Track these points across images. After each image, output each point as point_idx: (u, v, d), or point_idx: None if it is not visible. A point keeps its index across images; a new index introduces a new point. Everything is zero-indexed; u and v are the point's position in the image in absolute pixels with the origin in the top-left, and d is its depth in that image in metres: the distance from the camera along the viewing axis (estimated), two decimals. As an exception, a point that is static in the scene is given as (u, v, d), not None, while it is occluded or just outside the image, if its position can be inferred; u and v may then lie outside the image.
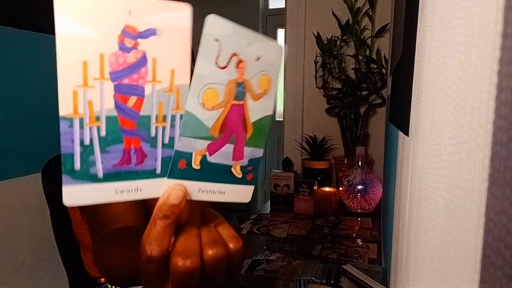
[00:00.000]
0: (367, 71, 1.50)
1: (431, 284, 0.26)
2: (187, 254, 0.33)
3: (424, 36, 0.35)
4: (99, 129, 0.30)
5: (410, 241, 0.39)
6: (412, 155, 0.41)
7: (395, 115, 0.72)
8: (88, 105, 0.29)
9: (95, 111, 0.29)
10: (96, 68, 0.29)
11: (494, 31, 0.15)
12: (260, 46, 0.35)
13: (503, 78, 0.14)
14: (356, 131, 1.56)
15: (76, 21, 0.27)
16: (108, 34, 0.28)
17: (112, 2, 0.28)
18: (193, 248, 0.34)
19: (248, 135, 0.37)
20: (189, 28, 0.31)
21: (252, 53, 0.35)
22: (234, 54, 0.34)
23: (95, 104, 0.29)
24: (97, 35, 0.28)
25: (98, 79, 0.29)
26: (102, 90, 0.29)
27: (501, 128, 0.14)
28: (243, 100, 0.36)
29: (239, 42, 0.34)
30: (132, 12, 0.29)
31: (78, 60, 0.28)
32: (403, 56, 0.58)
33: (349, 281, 0.80)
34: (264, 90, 0.37)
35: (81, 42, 0.27)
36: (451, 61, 0.23)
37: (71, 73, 0.28)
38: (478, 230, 0.16)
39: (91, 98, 0.29)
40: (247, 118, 0.37)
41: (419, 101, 0.36)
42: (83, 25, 0.27)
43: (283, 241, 1.09)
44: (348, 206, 1.39)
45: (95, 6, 0.27)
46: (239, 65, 0.34)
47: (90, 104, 0.29)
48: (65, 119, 0.29)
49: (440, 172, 0.25)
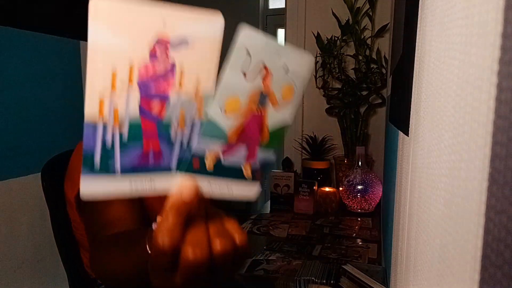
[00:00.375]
0: (367, 71, 1.50)
1: (431, 284, 0.26)
2: (197, 245, 0.34)
3: (424, 36, 0.35)
4: (121, 135, 0.31)
5: (410, 241, 0.39)
6: (412, 155, 0.41)
7: (395, 115, 0.72)
8: (113, 112, 0.30)
9: (119, 117, 0.30)
10: (125, 77, 0.29)
11: (494, 31, 0.15)
12: (291, 59, 0.36)
13: (503, 78, 0.14)
14: (356, 131, 1.56)
15: (110, 30, 0.27)
16: (140, 45, 0.29)
17: (147, 12, 0.28)
18: (203, 240, 0.35)
19: (264, 141, 0.38)
20: (220, 40, 0.32)
21: (282, 66, 0.35)
22: (262, 66, 0.34)
23: (120, 110, 0.30)
24: (129, 45, 0.28)
25: (126, 87, 0.30)
26: (129, 98, 0.30)
27: (501, 128, 0.14)
28: (264, 109, 0.37)
29: (269, 55, 0.34)
30: (166, 23, 0.29)
31: (108, 69, 0.28)
32: (403, 56, 0.58)
33: (349, 281, 0.80)
34: (286, 100, 0.38)
35: (112, 51, 0.28)
36: (451, 61, 0.23)
37: (100, 81, 0.28)
38: (478, 230, 0.16)
39: (117, 105, 0.29)
40: (265, 126, 0.38)
41: (419, 101, 0.36)
42: (116, 35, 0.27)
43: (283, 241, 1.09)
44: (348, 206, 1.39)
45: (130, 16, 0.27)
46: (266, 77, 0.35)
47: (115, 112, 0.30)
48: (89, 123, 0.29)
49: (440, 172, 0.25)
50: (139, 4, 0.28)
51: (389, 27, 1.48)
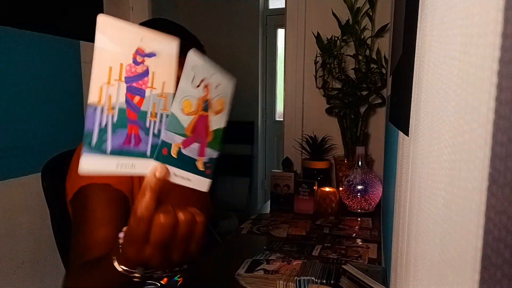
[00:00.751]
0: (367, 71, 1.50)
1: (431, 284, 0.26)
2: (166, 213, 0.46)
3: (424, 36, 0.35)
4: (113, 116, 0.42)
5: (410, 241, 0.39)
6: (412, 155, 0.41)
7: (395, 115, 0.72)
8: (108, 98, 0.41)
9: (112, 103, 0.41)
10: (117, 73, 0.41)
11: (494, 31, 0.15)
12: (220, 77, 0.51)
13: (503, 78, 0.14)
14: (356, 131, 1.56)
15: (109, 39, 0.40)
16: (127, 51, 0.42)
17: (132, 31, 0.42)
18: (170, 210, 0.47)
19: (209, 139, 0.52)
20: (175, 55, 0.45)
21: (215, 81, 0.50)
22: (203, 79, 0.48)
23: (112, 98, 0.41)
24: (120, 51, 0.41)
25: (117, 80, 0.42)
26: (119, 89, 0.42)
27: (501, 128, 0.14)
28: (207, 113, 0.51)
29: (207, 71, 0.49)
30: (143, 40, 0.42)
31: (106, 66, 0.41)
32: (403, 56, 0.58)
33: (349, 281, 0.80)
34: (220, 108, 0.53)
35: (110, 54, 0.41)
36: (451, 61, 0.23)
37: (101, 74, 0.40)
38: (478, 230, 0.16)
39: (110, 93, 0.41)
40: (208, 126, 0.52)
41: (419, 101, 0.36)
42: (113, 43, 0.40)
43: (283, 241, 1.09)
44: (348, 206, 1.39)
45: (122, 32, 0.41)
46: (206, 87, 0.49)
47: (109, 98, 0.41)
48: (91, 106, 0.40)
49: (440, 172, 0.25)
50: (128, 24, 0.42)
51: (389, 27, 1.48)
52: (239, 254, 0.98)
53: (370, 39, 1.53)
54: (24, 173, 1.30)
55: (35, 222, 1.36)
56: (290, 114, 1.74)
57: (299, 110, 1.71)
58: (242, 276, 0.84)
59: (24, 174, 1.30)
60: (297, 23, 1.67)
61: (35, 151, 1.34)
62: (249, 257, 0.95)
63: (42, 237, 1.38)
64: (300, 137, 1.70)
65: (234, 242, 1.14)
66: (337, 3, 1.56)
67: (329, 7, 1.57)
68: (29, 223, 1.34)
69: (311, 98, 1.69)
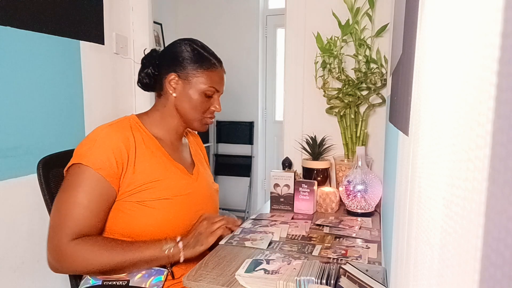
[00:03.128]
0: (367, 71, 1.50)
1: (431, 284, 0.26)
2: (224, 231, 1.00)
3: (424, 36, 0.35)
4: None
5: (410, 241, 0.39)
6: (412, 155, 0.41)
7: (395, 115, 0.72)
8: None
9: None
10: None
11: (494, 31, 0.15)
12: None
13: (503, 78, 0.14)
14: (356, 131, 1.56)
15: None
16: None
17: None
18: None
19: None
20: None
21: None
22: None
23: None
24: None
25: None
26: None
27: (501, 128, 0.14)
28: None
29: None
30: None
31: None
32: (403, 56, 0.58)
33: (349, 281, 0.80)
34: None
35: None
36: (451, 61, 0.23)
37: None
38: (478, 230, 0.16)
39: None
40: None
41: (419, 101, 0.36)
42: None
43: (283, 241, 1.09)
44: (348, 206, 1.39)
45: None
46: None
47: None
48: None
49: (440, 172, 0.25)
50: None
51: (389, 27, 1.48)
52: (239, 254, 0.98)
53: (370, 39, 1.53)
54: (24, 173, 1.30)
55: (35, 222, 1.36)
56: (290, 114, 1.74)
57: (299, 110, 1.71)
58: (242, 276, 0.84)
59: (24, 174, 1.30)
60: (297, 23, 1.67)
61: (35, 151, 1.34)
62: (249, 257, 0.95)
63: (42, 237, 1.38)
64: (300, 137, 1.71)
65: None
66: (337, 3, 1.56)
67: (329, 7, 1.57)
68: (29, 223, 1.34)
69: (311, 98, 1.69)
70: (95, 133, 0.96)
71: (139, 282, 0.96)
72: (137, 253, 0.91)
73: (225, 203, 3.52)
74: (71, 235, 0.88)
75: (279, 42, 3.48)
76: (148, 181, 0.97)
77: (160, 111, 1.08)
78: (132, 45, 1.87)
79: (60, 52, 1.44)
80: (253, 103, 3.48)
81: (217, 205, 1.20)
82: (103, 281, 0.96)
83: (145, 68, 1.08)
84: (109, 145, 0.93)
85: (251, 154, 3.55)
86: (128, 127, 1.00)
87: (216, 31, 3.40)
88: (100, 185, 0.91)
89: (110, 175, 0.92)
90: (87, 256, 0.88)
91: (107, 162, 0.91)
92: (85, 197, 0.90)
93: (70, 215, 0.89)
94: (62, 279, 1.43)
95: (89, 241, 0.89)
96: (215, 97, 1.09)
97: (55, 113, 1.43)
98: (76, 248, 0.88)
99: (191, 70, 1.04)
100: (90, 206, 0.90)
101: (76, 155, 0.93)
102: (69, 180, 0.92)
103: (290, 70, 1.71)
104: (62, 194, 0.91)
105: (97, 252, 0.89)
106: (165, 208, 0.98)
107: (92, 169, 0.90)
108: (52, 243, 0.89)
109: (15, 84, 1.27)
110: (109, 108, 1.72)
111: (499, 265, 0.14)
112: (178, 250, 0.95)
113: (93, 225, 0.91)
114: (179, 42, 1.07)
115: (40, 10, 1.34)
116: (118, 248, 0.91)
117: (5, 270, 1.26)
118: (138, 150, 0.98)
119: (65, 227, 0.88)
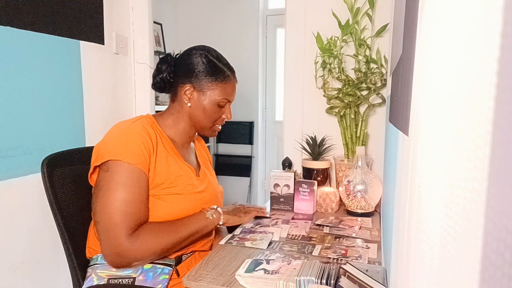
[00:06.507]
0: (367, 71, 1.50)
1: (431, 284, 0.26)
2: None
3: (424, 36, 0.35)
4: None
5: (410, 241, 0.39)
6: (412, 155, 0.41)
7: (395, 115, 0.72)
8: None
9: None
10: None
11: (494, 31, 0.15)
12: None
13: (503, 78, 0.14)
14: (356, 131, 1.56)
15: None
16: None
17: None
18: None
19: None
20: None
21: None
22: None
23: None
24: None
25: None
26: None
27: (501, 128, 0.14)
28: None
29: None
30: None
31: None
32: (403, 56, 0.58)
33: (349, 281, 0.80)
34: None
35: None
36: (451, 61, 0.23)
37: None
38: (478, 230, 0.16)
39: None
40: None
41: (419, 101, 0.36)
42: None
43: (283, 241, 1.09)
44: (348, 206, 1.39)
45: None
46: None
47: None
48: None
49: (440, 172, 0.25)
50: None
51: (389, 27, 1.48)
52: (239, 254, 0.98)
53: (370, 39, 1.53)
54: (24, 173, 1.30)
55: (35, 222, 1.36)
56: (290, 114, 1.74)
57: (299, 110, 1.71)
58: (242, 276, 0.84)
59: (24, 174, 1.30)
60: (297, 23, 1.67)
61: (35, 151, 1.34)
62: (249, 257, 0.95)
63: (42, 237, 1.38)
64: (300, 137, 1.70)
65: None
66: (337, 3, 1.56)
67: (329, 7, 1.57)
68: (29, 223, 1.34)
69: (311, 98, 1.69)
70: (121, 129, 1.00)
71: (144, 281, 0.96)
72: (188, 228, 1.00)
73: (225, 203, 3.53)
74: (128, 230, 0.92)
75: (279, 42, 3.48)
76: (165, 176, 1.01)
77: (174, 115, 1.12)
78: (132, 45, 1.87)
79: (60, 52, 1.44)
80: (253, 103, 3.48)
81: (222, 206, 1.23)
82: (109, 279, 0.96)
83: (160, 73, 1.11)
84: (139, 139, 0.98)
85: (251, 154, 3.55)
86: (148, 125, 1.05)
87: (216, 31, 3.40)
88: (142, 178, 0.96)
89: (145, 167, 0.97)
90: (151, 244, 0.94)
91: (142, 156, 0.96)
92: (134, 191, 0.94)
93: (124, 212, 0.92)
94: (62, 279, 1.43)
95: (147, 231, 0.94)
96: (227, 106, 1.14)
97: (55, 113, 1.43)
98: (138, 241, 0.92)
99: (206, 82, 1.08)
100: (140, 199, 0.96)
101: (108, 152, 0.95)
102: (111, 178, 0.94)
103: (290, 70, 1.71)
104: (107, 193, 0.93)
105: (159, 239, 0.95)
106: (177, 203, 1.02)
107: (132, 164, 0.94)
108: (111, 243, 0.92)
109: (15, 84, 1.27)
110: (109, 108, 1.72)
111: (499, 265, 0.14)
112: (218, 215, 1.08)
113: (144, 215, 0.97)
114: (195, 52, 1.11)
115: (40, 10, 1.34)
116: (172, 228, 0.98)
117: (5, 270, 1.26)
118: (159, 147, 1.03)
119: (121, 225, 0.91)
